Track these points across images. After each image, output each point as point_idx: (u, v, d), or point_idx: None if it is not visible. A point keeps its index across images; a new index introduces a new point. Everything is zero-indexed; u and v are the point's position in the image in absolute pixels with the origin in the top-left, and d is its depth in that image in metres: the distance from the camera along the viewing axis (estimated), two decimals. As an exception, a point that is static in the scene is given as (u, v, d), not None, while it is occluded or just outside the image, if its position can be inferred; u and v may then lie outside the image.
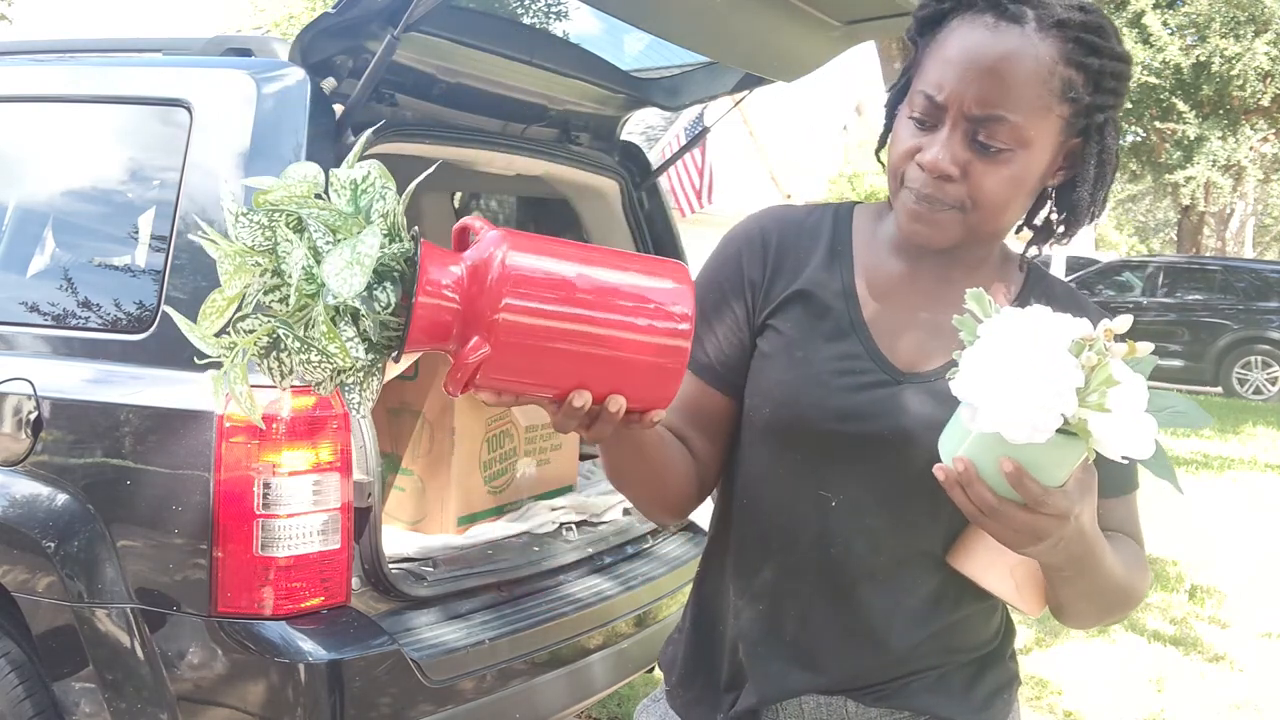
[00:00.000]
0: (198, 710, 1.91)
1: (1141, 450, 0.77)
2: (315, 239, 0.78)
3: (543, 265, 0.81)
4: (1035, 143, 0.96)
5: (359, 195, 0.81)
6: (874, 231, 1.10)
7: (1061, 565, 0.91)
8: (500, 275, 0.79)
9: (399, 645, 1.95)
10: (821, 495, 1.03)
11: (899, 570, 1.03)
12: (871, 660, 1.04)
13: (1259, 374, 12.41)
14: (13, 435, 2.09)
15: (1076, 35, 0.94)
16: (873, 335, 1.04)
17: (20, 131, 2.46)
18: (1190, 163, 15.52)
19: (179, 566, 1.89)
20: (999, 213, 0.99)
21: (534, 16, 3.00)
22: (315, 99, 2.07)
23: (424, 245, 0.81)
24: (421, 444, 2.70)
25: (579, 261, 0.82)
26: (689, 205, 12.95)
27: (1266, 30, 14.46)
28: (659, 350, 0.83)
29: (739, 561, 1.10)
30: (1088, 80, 0.96)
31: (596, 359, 0.81)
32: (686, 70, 3.02)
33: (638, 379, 0.83)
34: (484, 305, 0.79)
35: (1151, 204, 29.67)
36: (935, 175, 0.96)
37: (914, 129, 0.98)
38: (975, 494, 0.82)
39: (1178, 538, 5.35)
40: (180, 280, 2.01)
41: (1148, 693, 3.57)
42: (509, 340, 0.79)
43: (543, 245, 0.82)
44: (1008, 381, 0.76)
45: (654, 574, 2.57)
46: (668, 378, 0.84)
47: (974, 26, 0.95)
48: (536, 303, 0.79)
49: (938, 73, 0.96)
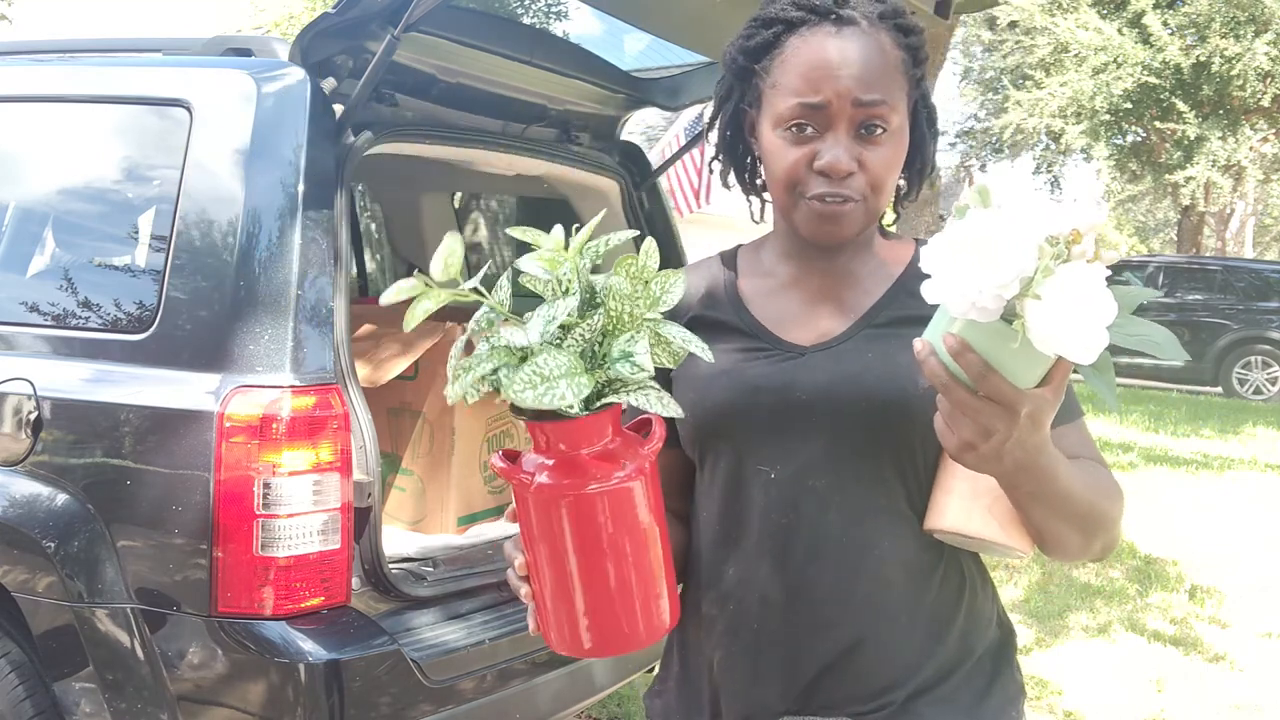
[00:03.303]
0: (198, 710, 1.91)
1: (1076, 350, 0.75)
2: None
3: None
4: (900, 119, 1.05)
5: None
6: (755, 255, 1.19)
7: (1016, 476, 0.89)
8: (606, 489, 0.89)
9: (399, 645, 1.95)
10: (760, 469, 1.06)
11: (852, 528, 1.04)
12: (844, 639, 1.04)
13: (1259, 374, 12.41)
14: (13, 435, 2.09)
15: (894, 23, 1.06)
16: (770, 329, 1.10)
17: (21, 131, 2.46)
18: (1190, 163, 15.53)
19: (179, 566, 1.89)
20: (888, 191, 1.07)
21: (534, 16, 3.01)
22: (315, 99, 2.07)
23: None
24: (421, 444, 2.70)
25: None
26: (687, 205, 12.94)
27: (1266, 30, 14.47)
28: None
29: (707, 574, 1.12)
30: (909, 56, 1.07)
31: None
32: (686, 70, 3.03)
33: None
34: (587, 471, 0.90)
35: (1151, 204, 29.67)
36: (839, 175, 1.02)
37: (792, 140, 1.04)
38: (930, 369, 0.82)
39: (1178, 538, 5.35)
40: (180, 280, 2.01)
41: (1148, 693, 3.57)
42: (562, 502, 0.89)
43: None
44: (963, 257, 0.76)
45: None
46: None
47: (818, 35, 1.04)
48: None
49: (806, 81, 1.02)
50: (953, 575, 1.08)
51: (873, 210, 1.06)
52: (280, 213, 1.98)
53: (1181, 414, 10.02)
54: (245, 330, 1.92)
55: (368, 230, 4.60)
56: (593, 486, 0.87)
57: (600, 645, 0.91)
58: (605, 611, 0.90)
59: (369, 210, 4.55)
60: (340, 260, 2.02)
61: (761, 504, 1.06)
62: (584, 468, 0.88)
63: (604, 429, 0.89)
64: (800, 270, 1.13)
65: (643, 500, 0.90)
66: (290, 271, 1.95)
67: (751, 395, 1.06)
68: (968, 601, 1.09)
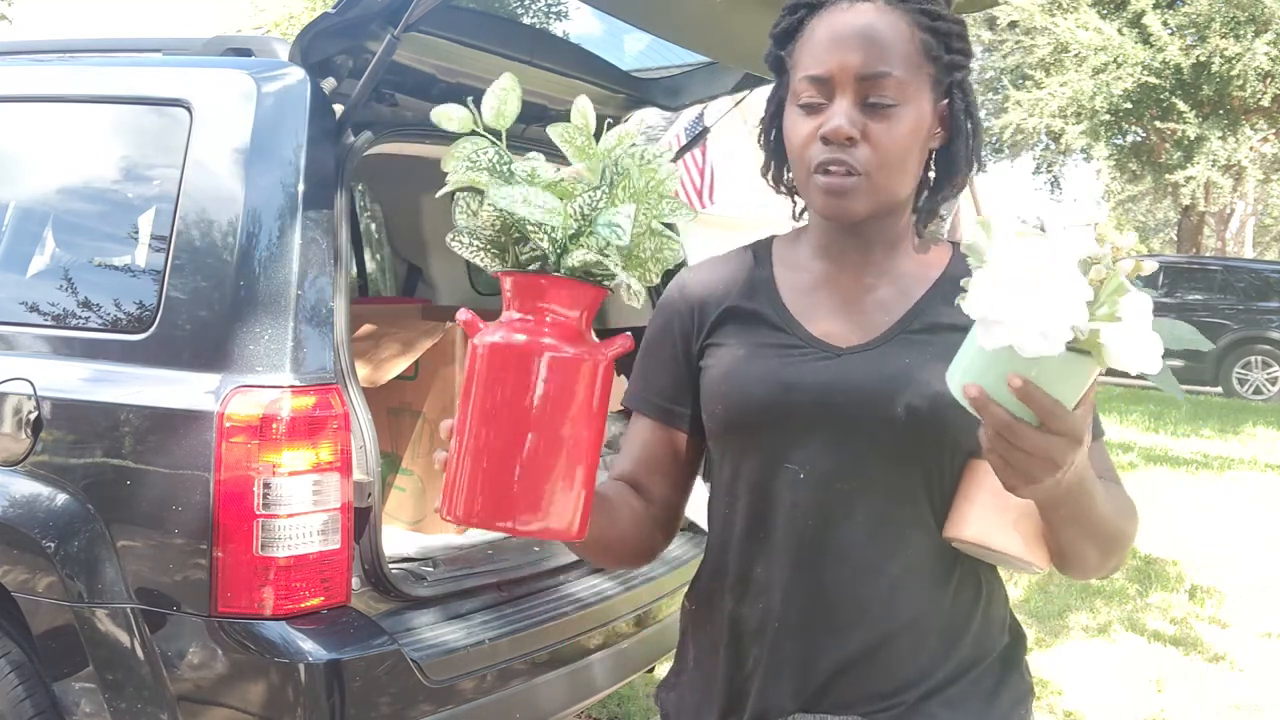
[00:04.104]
0: (198, 710, 1.91)
1: (1152, 363, 0.77)
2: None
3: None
4: (916, 98, 1.04)
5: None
6: (792, 248, 1.18)
7: (1062, 502, 0.91)
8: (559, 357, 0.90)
9: (399, 645, 1.95)
10: (788, 468, 1.06)
11: (875, 533, 1.04)
12: (861, 642, 1.04)
13: (1259, 374, 12.42)
14: (13, 435, 2.09)
15: (917, 7, 1.05)
16: (805, 325, 1.09)
17: (21, 131, 2.46)
18: (1190, 163, 15.53)
19: (179, 566, 1.89)
20: (898, 170, 1.05)
21: (534, 16, 3.01)
22: (315, 99, 2.07)
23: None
24: (421, 444, 2.70)
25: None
26: (690, 205, 12.96)
27: (1266, 30, 14.47)
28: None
29: (724, 568, 1.12)
30: (939, 41, 1.05)
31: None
32: (686, 70, 3.03)
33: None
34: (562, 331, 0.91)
35: (1151, 204, 29.67)
36: (839, 140, 1.02)
37: (804, 116, 1.05)
38: (991, 414, 0.80)
39: (1178, 538, 5.35)
40: (180, 280, 2.01)
41: (1148, 693, 3.57)
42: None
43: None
44: (1019, 294, 0.76)
45: (654, 574, 2.57)
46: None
47: (833, 13, 1.05)
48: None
49: (814, 56, 1.05)
50: (969, 582, 1.08)
51: (881, 187, 1.04)
52: (280, 213, 1.98)
53: (1181, 414, 10.02)
54: (245, 330, 1.92)
55: (368, 230, 4.60)
56: (537, 348, 0.87)
57: (489, 512, 0.89)
58: (507, 479, 0.88)
59: (369, 210, 4.56)
60: (340, 260, 2.02)
61: (788, 504, 1.06)
62: (538, 331, 0.89)
63: (569, 298, 0.90)
64: (835, 267, 1.13)
65: (584, 387, 0.89)
66: (290, 271, 1.95)
67: (785, 394, 1.05)
68: (982, 608, 1.09)
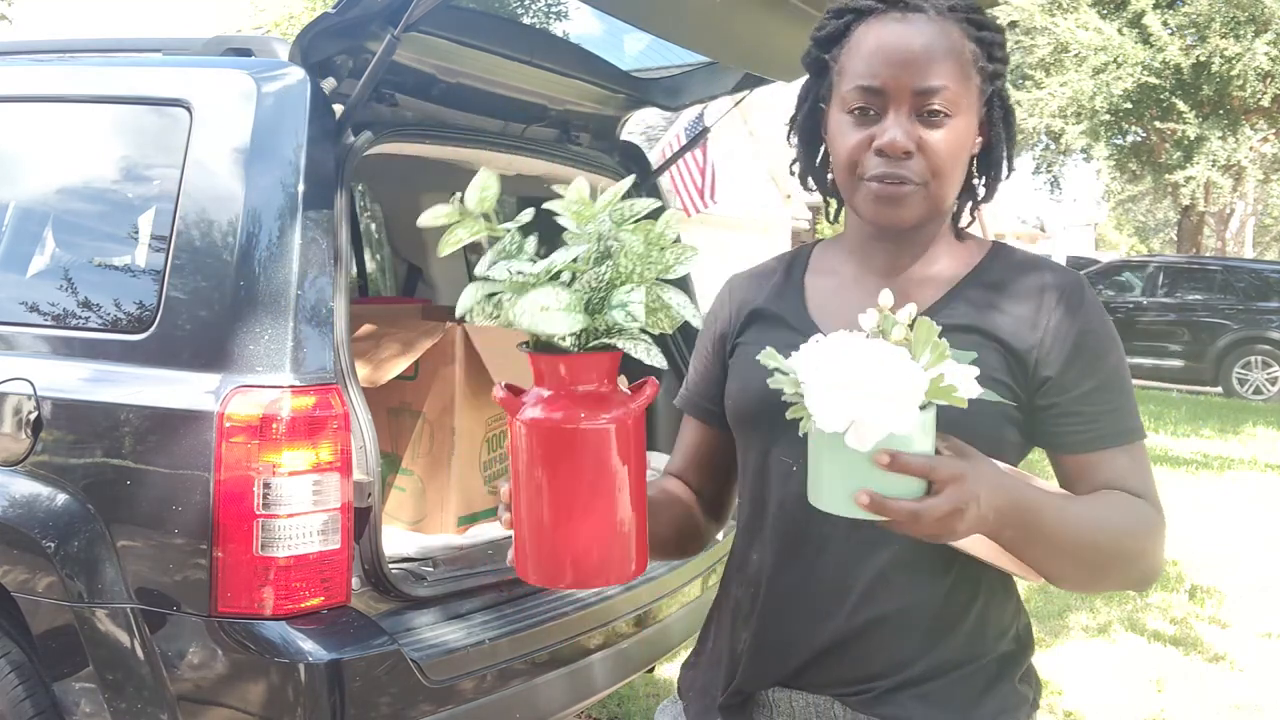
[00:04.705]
0: (198, 710, 1.91)
1: (975, 387, 0.87)
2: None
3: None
4: (966, 109, 1.06)
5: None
6: (827, 252, 1.22)
7: (1000, 530, 0.93)
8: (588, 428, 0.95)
9: (399, 645, 1.95)
10: (783, 461, 1.10)
11: (860, 528, 1.04)
12: (838, 629, 1.07)
13: (1259, 374, 12.41)
14: (13, 435, 2.09)
15: (965, 16, 1.08)
16: (820, 327, 1.12)
17: (21, 131, 2.46)
18: (1190, 163, 15.52)
19: (179, 566, 1.89)
20: (950, 179, 1.07)
21: (534, 16, 3.01)
22: (315, 99, 2.07)
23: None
24: (421, 444, 2.70)
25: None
26: (693, 205, 12.98)
27: (1266, 30, 14.46)
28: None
29: (739, 554, 1.18)
30: (983, 51, 1.08)
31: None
32: (686, 70, 3.03)
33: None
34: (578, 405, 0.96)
35: (1151, 204, 29.67)
36: (896, 154, 1.04)
37: (854, 123, 1.07)
38: (893, 510, 0.85)
39: (1178, 538, 5.34)
40: (180, 280, 2.01)
41: (1148, 693, 3.57)
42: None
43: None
44: (863, 389, 0.83)
45: (654, 574, 2.57)
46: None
47: (884, 23, 1.06)
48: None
49: (867, 66, 1.05)
50: (965, 582, 1.08)
51: (934, 196, 1.06)
52: (280, 213, 1.98)
53: (1181, 414, 10.02)
54: (245, 330, 1.92)
55: (368, 230, 4.60)
56: (572, 422, 0.93)
57: (554, 577, 0.96)
58: (565, 543, 0.95)
59: (369, 210, 4.56)
60: (340, 260, 2.02)
61: (780, 495, 1.11)
62: (570, 405, 0.94)
63: (594, 371, 0.94)
64: (862, 268, 1.15)
65: (615, 447, 0.94)
66: (290, 271, 1.95)
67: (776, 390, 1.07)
68: (979, 610, 1.09)
